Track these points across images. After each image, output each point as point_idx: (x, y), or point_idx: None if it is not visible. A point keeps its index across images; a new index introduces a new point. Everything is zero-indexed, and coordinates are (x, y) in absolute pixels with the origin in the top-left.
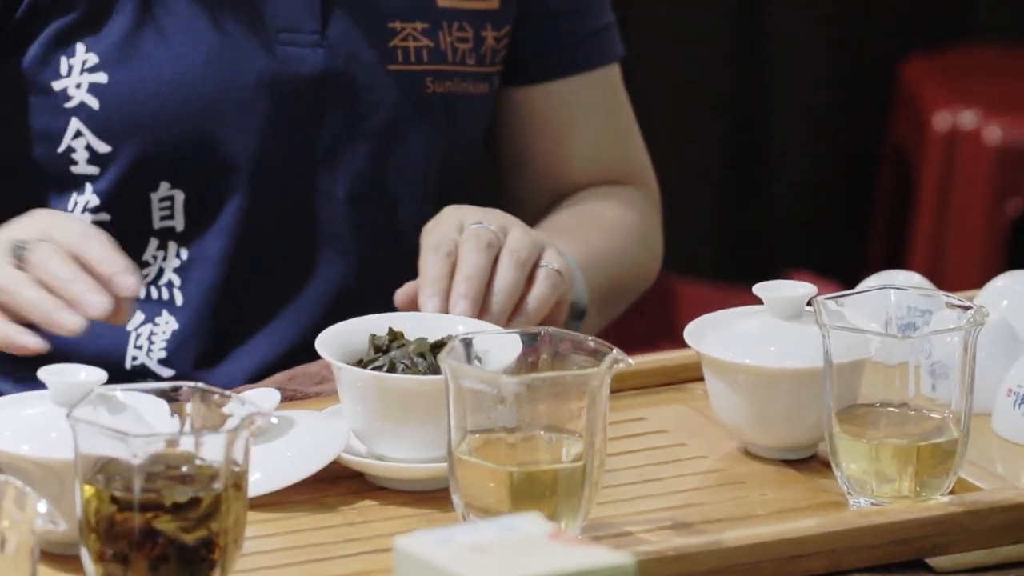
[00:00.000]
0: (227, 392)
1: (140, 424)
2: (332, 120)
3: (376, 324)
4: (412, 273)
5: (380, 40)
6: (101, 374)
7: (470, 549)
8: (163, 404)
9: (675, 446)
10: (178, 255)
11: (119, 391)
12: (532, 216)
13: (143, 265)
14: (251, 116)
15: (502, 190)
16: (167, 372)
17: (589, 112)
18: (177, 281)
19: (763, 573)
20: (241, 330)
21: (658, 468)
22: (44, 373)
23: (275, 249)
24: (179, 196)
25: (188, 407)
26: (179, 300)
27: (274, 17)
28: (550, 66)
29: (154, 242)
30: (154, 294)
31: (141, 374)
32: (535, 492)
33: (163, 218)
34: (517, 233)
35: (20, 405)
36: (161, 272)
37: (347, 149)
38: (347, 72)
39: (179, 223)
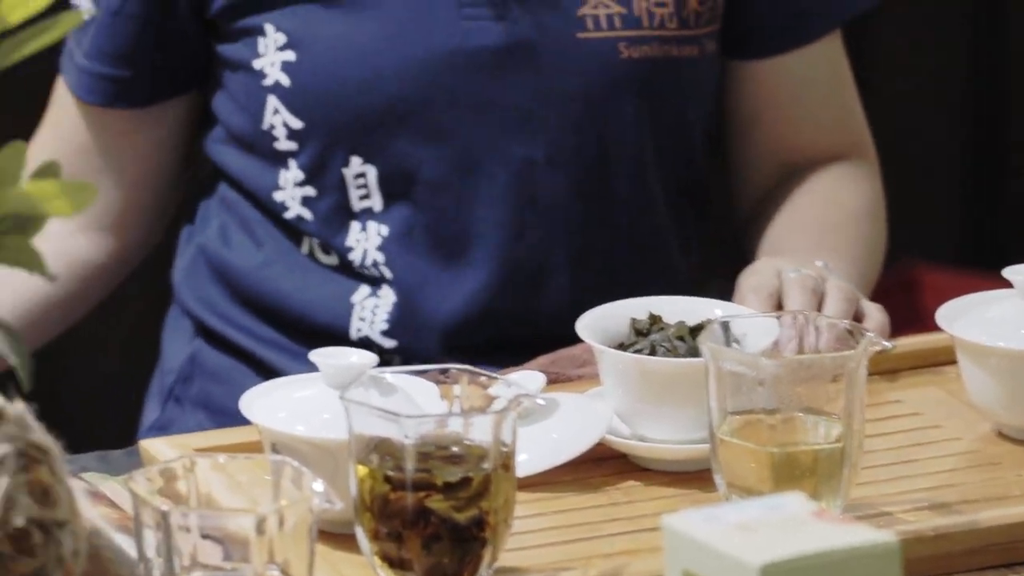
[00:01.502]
0: (494, 375)
1: (410, 405)
2: (521, 88)
3: (636, 308)
4: (634, 242)
5: (568, 10)
6: (372, 357)
7: (736, 527)
8: (431, 386)
9: (930, 428)
10: (379, 233)
11: (389, 373)
12: (757, 185)
13: (348, 250)
14: (436, 88)
15: (727, 157)
16: (390, 343)
17: (818, 82)
18: (381, 258)
19: (1020, 553)
20: (447, 299)
21: (914, 449)
22: (316, 356)
23: (477, 218)
24: (371, 172)
25: (456, 389)
26: (388, 274)
27: None
28: (782, 39)
29: (355, 225)
30: (366, 272)
31: (366, 345)
32: (796, 472)
33: (361, 197)
34: (837, 280)
35: (293, 387)
36: (365, 253)
37: (542, 116)
38: (533, 42)
39: (376, 202)
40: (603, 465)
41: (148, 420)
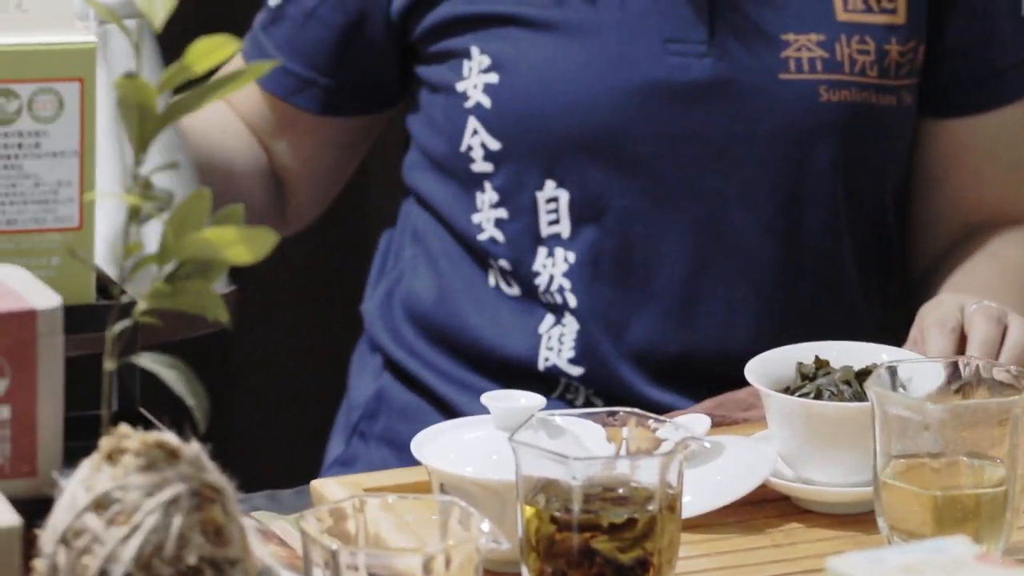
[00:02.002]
0: (661, 417)
1: (578, 447)
2: (720, 125)
3: (803, 353)
4: (820, 285)
5: (771, 51)
6: (540, 400)
7: (901, 570)
8: (599, 428)
9: None
10: (565, 260)
11: (558, 416)
12: (937, 242)
13: (534, 275)
14: (636, 120)
15: (909, 212)
16: (577, 370)
17: (1008, 143)
18: (567, 284)
19: None
20: (633, 327)
21: None
22: (487, 399)
23: (664, 249)
24: (564, 196)
25: (624, 431)
26: (572, 302)
27: (662, 27)
28: (978, 99)
29: (543, 251)
30: (550, 299)
31: (554, 374)
32: (958, 516)
33: (551, 223)
34: (1019, 315)
35: (464, 429)
36: (551, 279)
37: (738, 153)
38: (735, 80)
39: (564, 228)
40: (766, 507)
41: (332, 455)
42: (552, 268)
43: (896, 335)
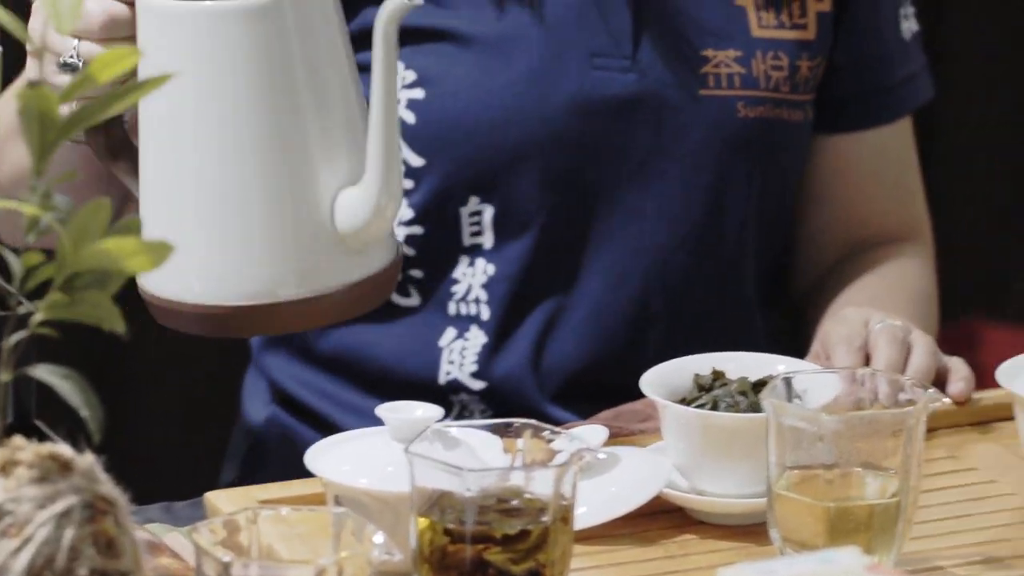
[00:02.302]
0: (557, 429)
1: (473, 459)
2: (641, 140)
3: (699, 364)
4: (725, 299)
5: (692, 66)
6: (437, 411)
7: None
8: (495, 439)
9: (985, 483)
10: (485, 271)
11: (454, 427)
12: (819, 260)
13: (453, 283)
14: (562, 134)
15: (796, 226)
16: (479, 384)
17: (889, 160)
18: (484, 296)
19: None
20: (544, 342)
21: (968, 504)
22: (382, 410)
23: (581, 263)
24: (488, 211)
25: (519, 443)
26: (485, 315)
27: (588, 41)
28: (861, 116)
29: (464, 259)
30: (463, 310)
31: (454, 388)
32: (850, 527)
33: (473, 234)
34: (920, 333)
35: (359, 441)
36: (470, 288)
37: (657, 168)
38: (657, 95)
39: (488, 240)
40: (660, 518)
41: (226, 479)
42: (472, 278)
43: (789, 346)
